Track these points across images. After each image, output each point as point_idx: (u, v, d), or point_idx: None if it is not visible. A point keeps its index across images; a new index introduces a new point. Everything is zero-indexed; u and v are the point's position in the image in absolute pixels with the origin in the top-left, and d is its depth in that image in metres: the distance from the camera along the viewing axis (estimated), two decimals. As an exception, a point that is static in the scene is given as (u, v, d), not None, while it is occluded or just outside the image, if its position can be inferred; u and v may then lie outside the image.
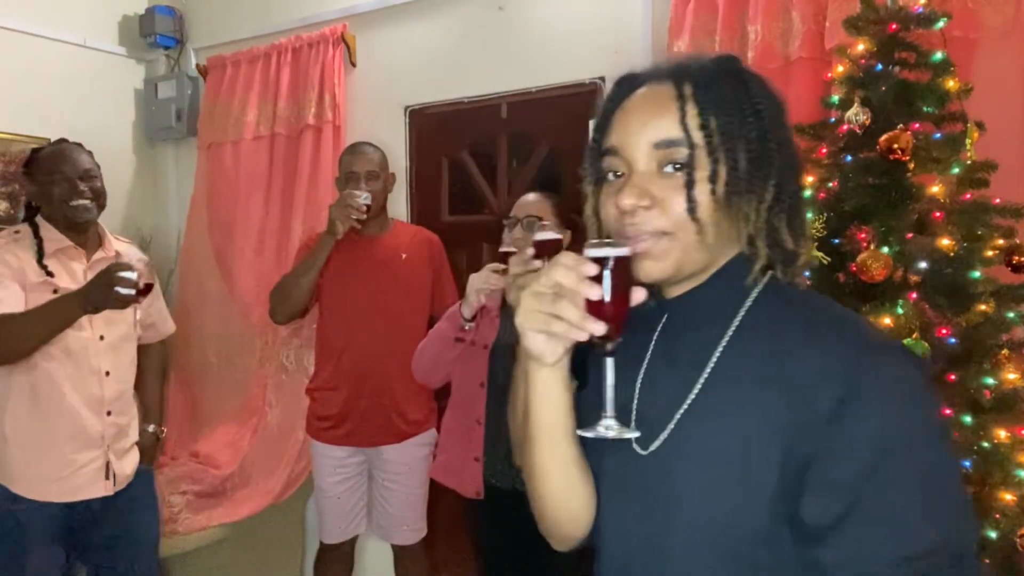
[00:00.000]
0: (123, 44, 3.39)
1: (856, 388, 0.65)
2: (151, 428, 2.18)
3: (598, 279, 0.71)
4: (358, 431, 2.32)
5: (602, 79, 2.36)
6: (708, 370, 0.76)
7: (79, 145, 2.02)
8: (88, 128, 3.07)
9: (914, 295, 1.45)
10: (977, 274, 1.47)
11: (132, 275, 1.69)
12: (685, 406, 0.77)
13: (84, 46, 3.22)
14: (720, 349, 0.76)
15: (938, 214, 1.48)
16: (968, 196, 1.51)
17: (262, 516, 2.69)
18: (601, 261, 0.71)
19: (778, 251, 0.76)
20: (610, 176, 0.80)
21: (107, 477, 1.96)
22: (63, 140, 2.02)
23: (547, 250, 1.28)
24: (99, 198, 1.97)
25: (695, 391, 0.76)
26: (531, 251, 1.28)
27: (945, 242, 1.45)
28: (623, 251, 0.72)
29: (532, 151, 2.59)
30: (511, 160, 2.65)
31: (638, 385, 0.84)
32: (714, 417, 0.74)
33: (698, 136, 0.73)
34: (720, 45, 2.02)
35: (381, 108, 2.83)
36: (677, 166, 0.73)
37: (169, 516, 2.54)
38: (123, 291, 1.67)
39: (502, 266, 1.67)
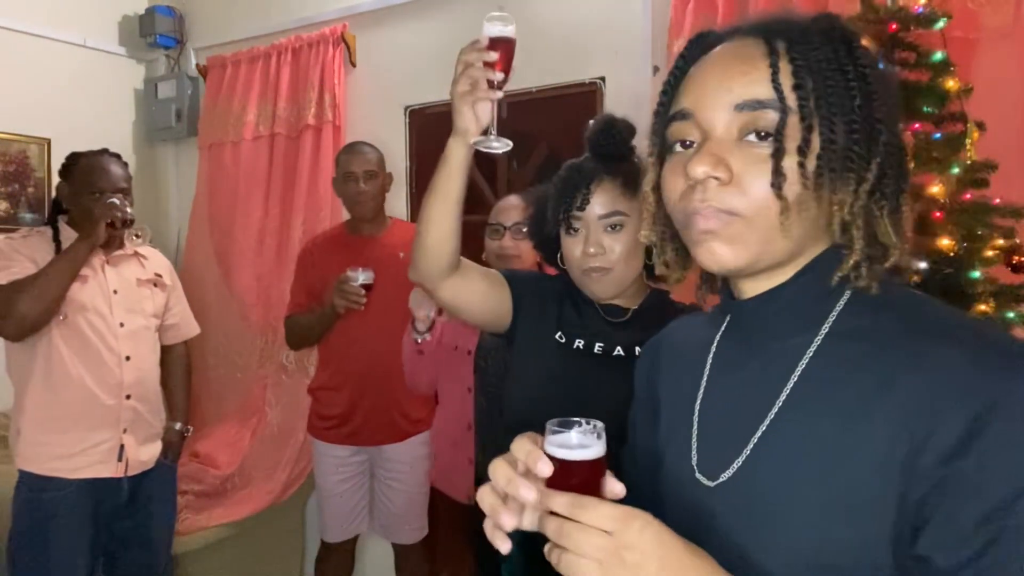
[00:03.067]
0: (123, 44, 3.39)
1: (988, 413, 0.52)
2: (177, 426, 2.25)
3: (565, 484, 0.58)
4: (360, 430, 2.33)
5: (602, 79, 2.36)
6: (790, 386, 0.64)
7: (118, 156, 2.09)
8: (88, 128, 3.09)
9: (917, 294, 1.44)
10: (977, 274, 1.46)
11: (118, 201, 1.94)
12: (763, 428, 0.64)
13: (84, 46, 3.22)
14: (805, 361, 0.64)
15: (938, 214, 1.48)
16: (968, 196, 1.50)
17: (262, 516, 2.69)
18: (562, 465, 0.59)
19: (876, 247, 0.64)
20: (677, 147, 0.67)
21: (119, 459, 2.03)
22: (105, 150, 2.09)
23: (505, 48, 1.08)
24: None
25: (774, 410, 0.64)
26: (485, 41, 1.09)
27: (945, 242, 1.45)
28: (592, 452, 0.59)
29: (532, 151, 2.58)
30: (511, 160, 2.65)
31: (699, 399, 0.73)
32: (801, 444, 0.61)
33: (792, 98, 0.61)
34: (720, 45, 2.02)
35: (381, 108, 2.83)
36: (762, 135, 0.61)
37: (177, 514, 2.55)
38: (114, 212, 1.94)
39: None
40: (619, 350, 1.27)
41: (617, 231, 1.24)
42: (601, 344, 1.28)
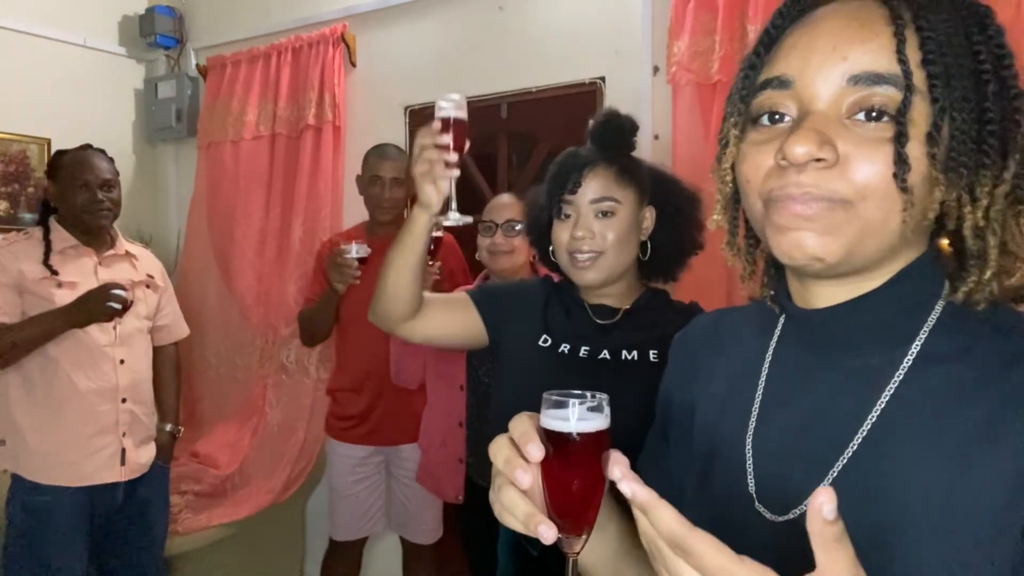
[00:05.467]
0: (123, 44, 3.39)
1: None
2: (168, 427, 2.24)
3: (561, 459, 0.53)
4: (378, 430, 2.34)
5: (602, 79, 2.36)
6: (877, 412, 0.55)
7: (102, 152, 2.09)
8: (88, 128, 3.08)
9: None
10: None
11: (124, 293, 1.90)
12: (845, 459, 0.55)
13: (84, 46, 3.22)
14: (895, 384, 0.55)
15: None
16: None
17: (262, 516, 2.69)
18: (558, 439, 0.54)
19: (1006, 257, 0.55)
20: (764, 119, 0.58)
21: (122, 463, 2.02)
22: (87, 146, 2.08)
23: (456, 129, 1.15)
24: (115, 207, 2.06)
25: (859, 439, 0.55)
26: (437, 124, 1.17)
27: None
28: (592, 425, 0.54)
29: (532, 151, 2.59)
30: (511, 160, 2.65)
31: (753, 418, 0.64)
32: (895, 479, 0.53)
33: (919, 76, 0.52)
34: (720, 45, 2.02)
35: (381, 108, 2.83)
36: (874, 115, 0.52)
37: (169, 516, 2.55)
38: (115, 306, 1.87)
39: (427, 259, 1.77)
40: (605, 353, 1.24)
41: (608, 218, 1.23)
42: (587, 348, 1.26)
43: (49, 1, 3.11)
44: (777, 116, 0.57)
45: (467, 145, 1.20)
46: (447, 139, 1.16)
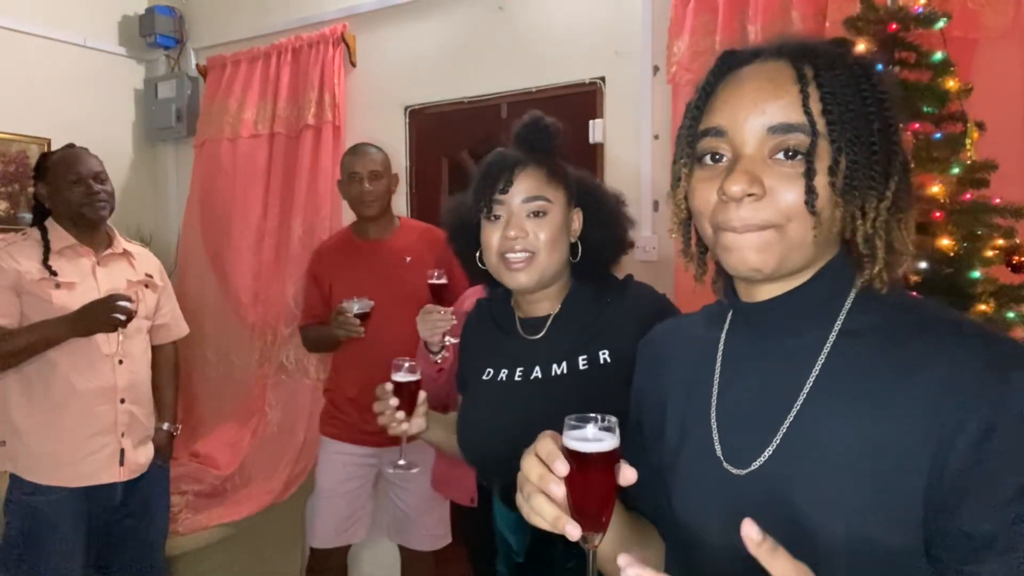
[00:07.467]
0: (123, 44, 3.39)
1: (1002, 408, 0.59)
2: (165, 427, 2.23)
3: (582, 472, 0.65)
4: (374, 431, 2.29)
5: (602, 79, 2.36)
6: (813, 378, 0.70)
7: (85, 149, 2.09)
8: (88, 128, 3.09)
9: (913, 295, 1.45)
10: (977, 274, 1.47)
11: (130, 305, 1.87)
12: (791, 417, 0.70)
13: (84, 46, 3.22)
14: (824, 356, 0.70)
15: (938, 214, 1.48)
16: (968, 196, 1.51)
17: (262, 516, 2.69)
18: (579, 457, 0.66)
19: (893, 254, 0.70)
20: (707, 159, 0.72)
21: (121, 464, 2.01)
22: (71, 145, 2.08)
23: (405, 391, 1.32)
24: (111, 198, 2.05)
25: (800, 399, 0.70)
26: (390, 386, 1.32)
27: (945, 242, 1.45)
28: (606, 444, 0.66)
29: (532, 151, 2.58)
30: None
31: (714, 395, 0.77)
32: (832, 426, 0.67)
33: (821, 123, 0.67)
34: (720, 45, 2.02)
35: (381, 108, 2.83)
36: (790, 154, 0.67)
37: (170, 516, 2.54)
38: (120, 317, 1.85)
39: (438, 307, 1.80)
40: (537, 371, 1.23)
41: (540, 218, 1.20)
42: (521, 369, 1.25)
43: (49, 1, 3.11)
44: (717, 156, 0.72)
45: (420, 400, 1.34)
46: (396, 402, 1.31)
